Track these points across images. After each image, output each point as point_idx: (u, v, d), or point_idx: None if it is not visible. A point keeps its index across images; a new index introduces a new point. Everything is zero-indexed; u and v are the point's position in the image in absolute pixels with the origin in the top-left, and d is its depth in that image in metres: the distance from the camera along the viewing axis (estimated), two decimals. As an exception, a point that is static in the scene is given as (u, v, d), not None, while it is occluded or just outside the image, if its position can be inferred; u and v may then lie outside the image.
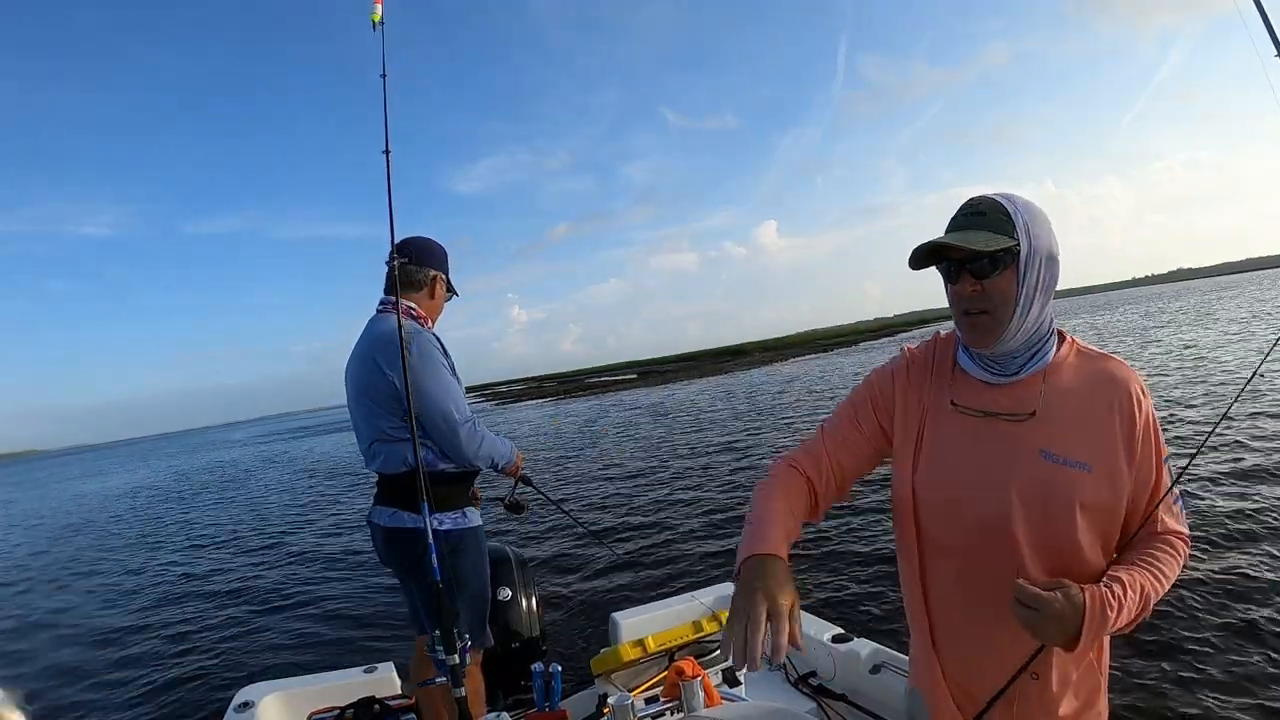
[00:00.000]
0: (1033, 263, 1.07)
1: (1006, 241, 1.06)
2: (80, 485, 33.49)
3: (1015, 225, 1.07)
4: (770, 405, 18.71)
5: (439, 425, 2.18)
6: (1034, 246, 1.07)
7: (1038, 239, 1.08)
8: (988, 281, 1.08)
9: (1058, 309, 1.17)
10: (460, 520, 2.25)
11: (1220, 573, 4.34)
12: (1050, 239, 1.09)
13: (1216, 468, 6.60)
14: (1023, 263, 1.07)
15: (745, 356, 59.34)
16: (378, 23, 2.29)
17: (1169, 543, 1.12)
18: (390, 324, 2.17)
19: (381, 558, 2.35)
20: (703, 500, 8.65)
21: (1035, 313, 1.10)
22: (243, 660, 5.59)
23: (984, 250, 1.05)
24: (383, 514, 2.27)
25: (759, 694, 2.29)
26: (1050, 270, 1.10)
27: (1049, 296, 1.11)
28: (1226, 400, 9.72)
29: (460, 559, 2.22)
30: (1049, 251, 1.09)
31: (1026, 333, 1.11)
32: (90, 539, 13.88)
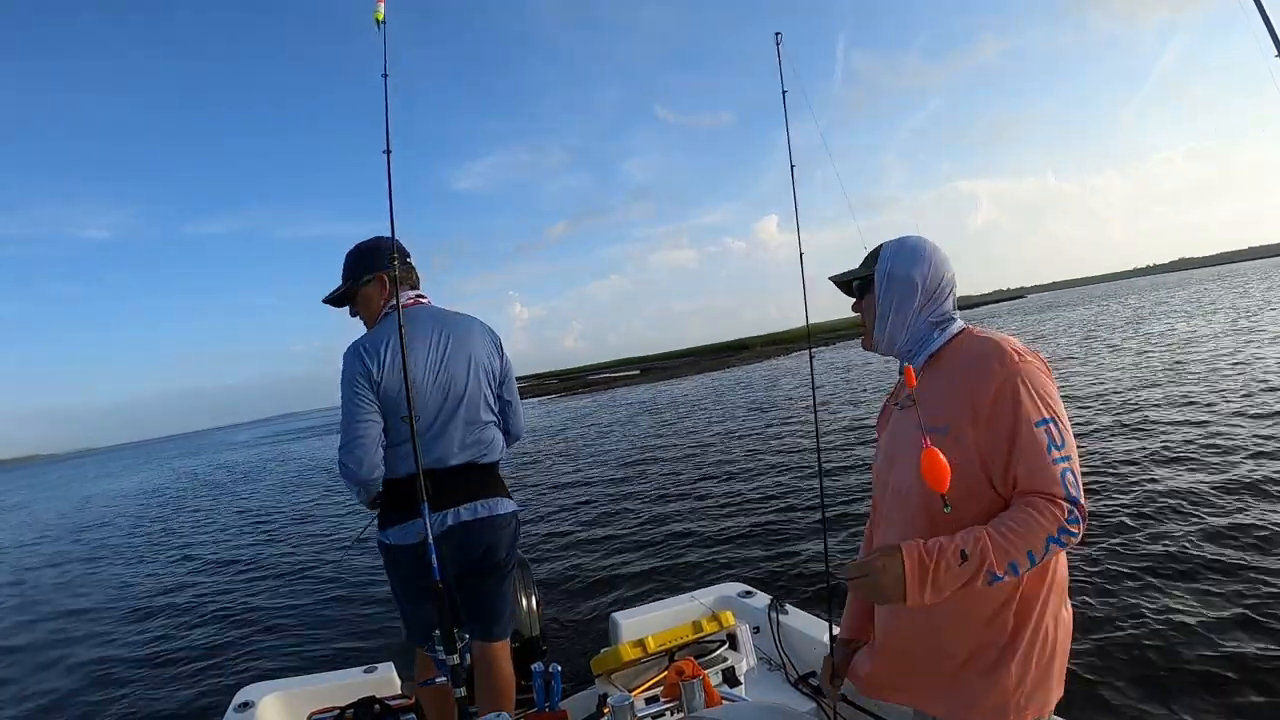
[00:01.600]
0: (884, 285, 1.40)
1: (863, 272, 1.45)
2: (90, 487, 33.60)
3: (879, 260, 1.42)
4: (772, 401, 18.71)
5: (519, 413, 2.41)
6: (888, 273, 1.40)
7: (894, 267, 1.39)
8: (862, 301, 1.47)
9: (1060, 299, 1.22)
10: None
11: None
12: (910, 269, 1.38)
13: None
14: (876, 286, 1.42)
15: (747, 351, 59.30)
16: (380, 21, 2.29)
17: (1028, 502, 1.18)
18: (466, 317, 2.31)
19: (443, 562, 2.06)
20: (704, 500, 8.65)
21: (898, 321, 1.39)
22: (243, 660, 5.60)
23: (837, 278, 1.50)
24: (475, 508, 2.16)
25: (759, 694, 2.29)
26: (900, 290, 1.38)
27: (908, 309, 1.38)
28: (1195, 389, 9.71)
29: (517, 543, 2.32)
30: (905, 277, 1.38)
31: (896, 337, 1.41)
32: (91, 539, 13.91)
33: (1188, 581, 4.30)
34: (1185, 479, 6.31)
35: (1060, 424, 1.22)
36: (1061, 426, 1.22)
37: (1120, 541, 5.03)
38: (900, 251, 1.41)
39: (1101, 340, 21.32)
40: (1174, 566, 4.54)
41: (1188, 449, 7.31)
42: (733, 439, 13.36)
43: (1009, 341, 1.29)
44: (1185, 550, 4.74)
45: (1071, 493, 1.18)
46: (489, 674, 2.21)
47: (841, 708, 2.30)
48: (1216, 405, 9.26)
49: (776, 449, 11.43)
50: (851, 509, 7.00)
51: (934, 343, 1.38)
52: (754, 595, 2.94)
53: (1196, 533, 5.01)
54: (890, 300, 1.40)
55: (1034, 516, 1.17)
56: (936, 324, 1.39)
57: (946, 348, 1.37)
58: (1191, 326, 21.39)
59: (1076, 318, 33.18)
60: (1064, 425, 1.23)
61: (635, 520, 8.17)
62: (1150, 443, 7.78)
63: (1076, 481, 1.19)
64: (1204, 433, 7.88)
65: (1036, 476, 1.19)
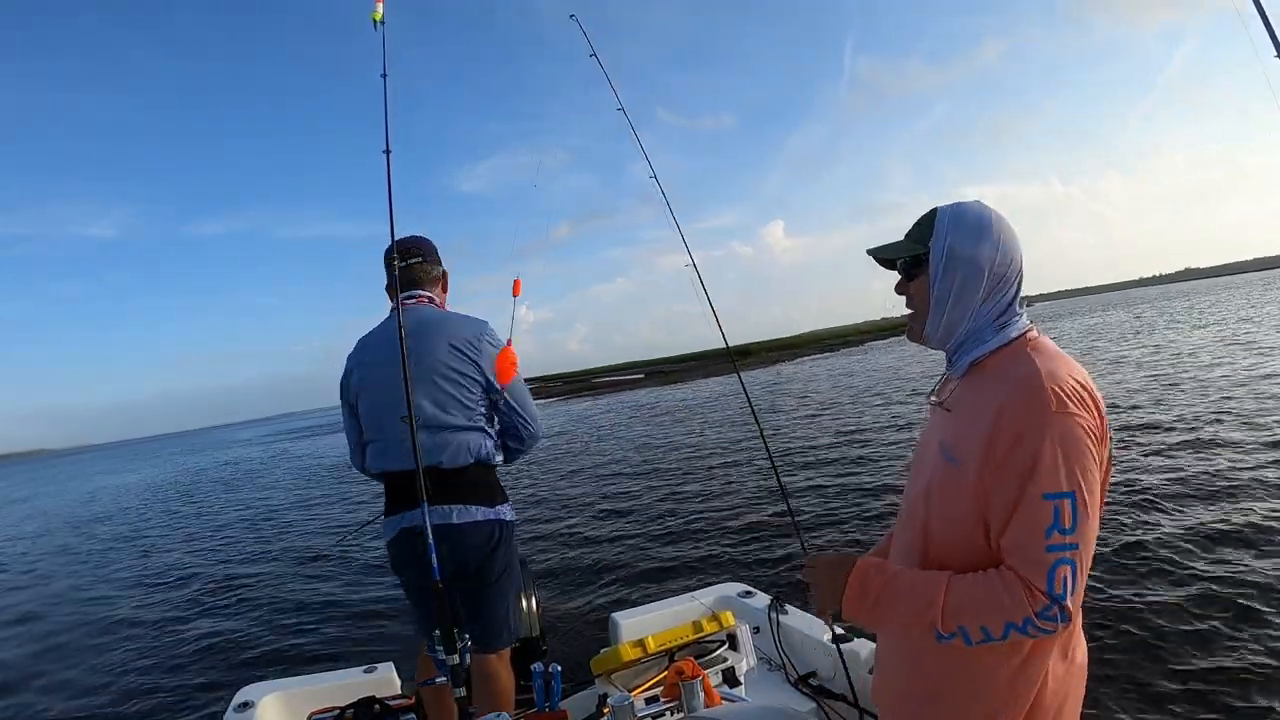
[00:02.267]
0: (945, 267, 1.13)
1: (915, 249, 1.16)
2: (91, 483, 33.57)
3: (935, 233, 1.14)
4: (774, 405, 18.69)
5: (527, 421, 2.30)
6: (948, 252, 1.13)
7: (955, 246, 1.12)
8: (912, 284, 1.19)
9: (1060, 309, 1.17)
10: (511, 511, 2.30)
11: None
12: (976, 248, 1.12)
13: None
14: (932, 267, 1.14)
15: (752, 356, 59.32)
16: (379, 22, 2.29)
17: (1004, 575, 1.02)
18: (455, 316, 2.26)
19: (411, 563, 2.14)
20: (704, 500, 8.65)
21: (958, 312, 1.14)
22: (243, 660, 5.59)
23: (879, 252, 1.21)
24: (447, 512, 2.12)
25: (759, 694, 2.29)
26: (965, 272, 1.12)
27: (972, 298, 1.13)
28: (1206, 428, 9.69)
29: (512, 549, 2.28)
30: (969, 257, 1.12)
31: (952, 330, 1.15)
32: (92, 536, 13.90)
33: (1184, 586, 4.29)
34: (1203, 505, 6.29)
35: (1080, 502, 0.98)
36: (1081, 505, 0.98)
37: (1121, 540, 5.03)
38: (961, 223, 1.13)
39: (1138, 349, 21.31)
40: (1174, 570, 4.54)
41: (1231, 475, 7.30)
42: (734, 441, 13.36)
43: (1060, 375, 1.03)
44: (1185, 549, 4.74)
45: (1056, 590, 0.98)
46: (483, 683, 2.19)
47: (841, 708, 2.30)
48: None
49: (777, 450, 11.42)
50: (850, 510, 7.00)
51: (986, 345, 1.13)
52: (754, 595, 2.94)
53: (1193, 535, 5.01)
54: (950, 284, 1.12)
55: (1001, 594, 1.00)
56: (997, 319, 1.13)
57: (994, 356, 1.12)
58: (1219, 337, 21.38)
59: (1089, 326, 33.17)
60: (1086, 504, 0.99)
61: (636, 520, 8.17)
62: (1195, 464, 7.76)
63: (1072, 578, 0.98)
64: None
65: (1022, 557, 1.00)
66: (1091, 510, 1.00)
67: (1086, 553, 1.01)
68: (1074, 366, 1.07)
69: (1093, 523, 1.01)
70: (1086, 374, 1.07)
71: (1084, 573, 1.01)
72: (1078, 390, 1.03)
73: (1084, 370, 1.08)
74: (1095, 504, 1.01)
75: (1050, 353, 1.09)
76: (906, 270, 1.20)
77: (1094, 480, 1.01)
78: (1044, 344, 1.12)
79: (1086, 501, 0.99)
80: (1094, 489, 1.01)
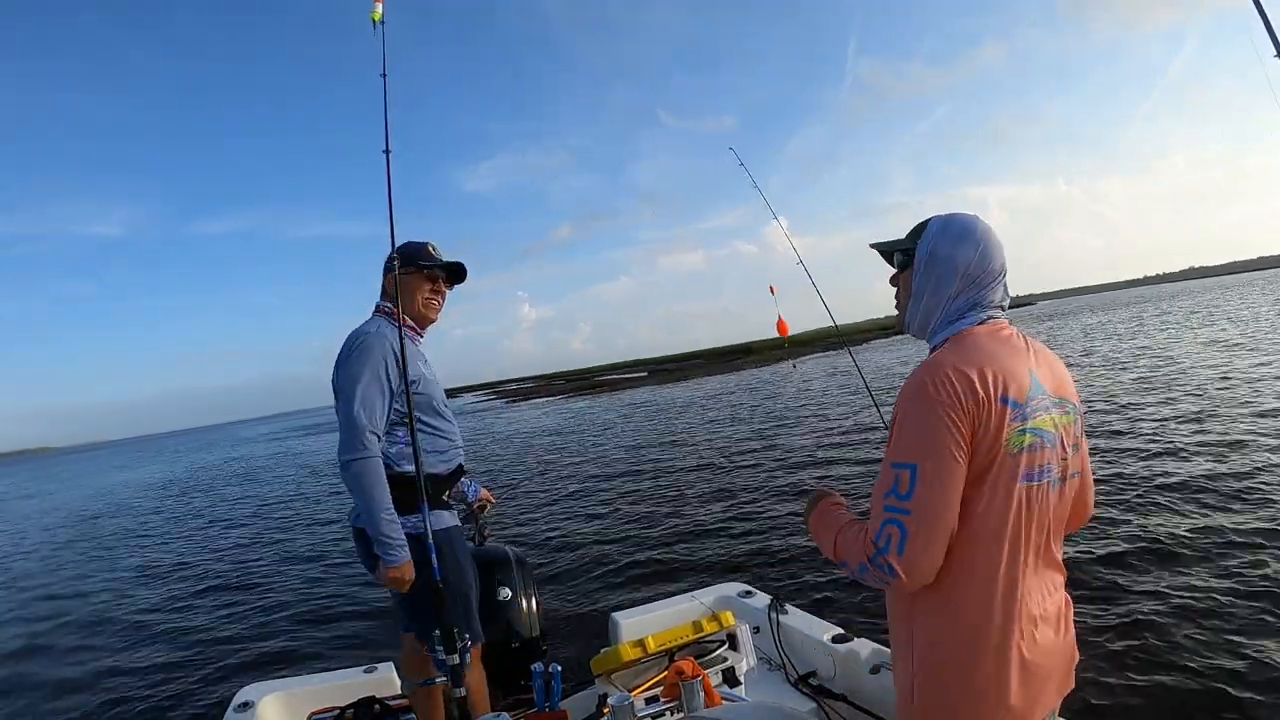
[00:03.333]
0: (926, 264, 1.27)
1: (905, 243, 1.33)
2: (93, 481, 33.63)
3: (924, 236, 1.29)
4: (773, 404, 18.71)
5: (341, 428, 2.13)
6: (930, 252, 1.27)
7: (936, 246, 1.27)
8: (901, 275, 1.35)
9: (1065, 307, 1.18)
10: (419, 524, 2.13)
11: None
12: (954, 250, 1.25)
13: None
14: (916, 263, 1.29)
15: (755, 355, 59.23)
16: (378, 22, 2.30)
17: (863, 525, 1.20)
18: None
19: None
20: (704, 499, 8.65)
21: (932, 303, 1.27)
22: (243, 660, 5.59)
23: (880, 246, 1.38)
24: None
25: (759, 694, 2.29)
26: (941, 271, 1.25)
27: (945, 293, 1.25)
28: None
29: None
30: (947, 258, 1.25)
31: (928, 321, 1.29)
32: (92, 534, 13.90)
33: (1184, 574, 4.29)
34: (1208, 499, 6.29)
35: (923, 473, 1.10)
36: (923, 477, 1.10)
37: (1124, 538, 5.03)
38: (947, 230, 1.27)
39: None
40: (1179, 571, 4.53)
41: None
42: (735, 440, 13.36)
43: (943, 365, 1.16)
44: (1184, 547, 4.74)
45: (880, 544, 1.12)
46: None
47: (842, 708, 2.30)
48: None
49: (777, 450, 11.43)
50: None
51: (940, 335, 1.27)
52: (754, 595, 2.94)
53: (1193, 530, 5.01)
54: (927, 281, 1.27)
55: (858, 540, 1.17)
56: (968, 310, 1.25)
57: (936, 349, 1.26)
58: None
59: (1092, 323, 33.14)
60: (929, 477, 1.10)
61: (636, 520, 8.17)
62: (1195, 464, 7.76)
63: (900, 539, 1.10)
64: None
65: (871, 512, 1.17)
66: (936, 484, 1.10)
67: (925, 521, 1.10)
68: (972, 359, 1.16)
69: (939, 496, 1.11)
70: (992, 367, 1.15)
71: (922, 540, 1.10)
72: (953, 380, 1.13)
73: (994, 364, 1.15)
74: (943, 480, 1.11)
75: (965, 346, 1.20)
76: (899, 264, 1.36)
77: (944, 459, 1.11)
78: (971, 338, 1.22)
79: (930, 475, 1.10)
80: (942, 467, 1.11)
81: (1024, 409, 1.15)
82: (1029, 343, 1.26)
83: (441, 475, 2.27)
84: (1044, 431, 1.17)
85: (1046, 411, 1.18)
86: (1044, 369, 1.23)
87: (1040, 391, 1.18)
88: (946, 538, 1.12)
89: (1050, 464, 1.18)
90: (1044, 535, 1.20)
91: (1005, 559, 1.15)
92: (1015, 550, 1.16)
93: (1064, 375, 1.27)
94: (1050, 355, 1.28)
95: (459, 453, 2.37)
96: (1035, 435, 1.16)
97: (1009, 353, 1.19)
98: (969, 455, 1.12)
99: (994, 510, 1.14)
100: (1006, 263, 1.27)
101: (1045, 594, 1.21)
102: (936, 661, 1.18)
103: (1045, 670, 1.18)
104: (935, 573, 1.13)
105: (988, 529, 1.14)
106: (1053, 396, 1.21)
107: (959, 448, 1.11)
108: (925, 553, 1.11)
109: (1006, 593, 1.15)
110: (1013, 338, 1.24)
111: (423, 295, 2.32)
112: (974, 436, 1.12)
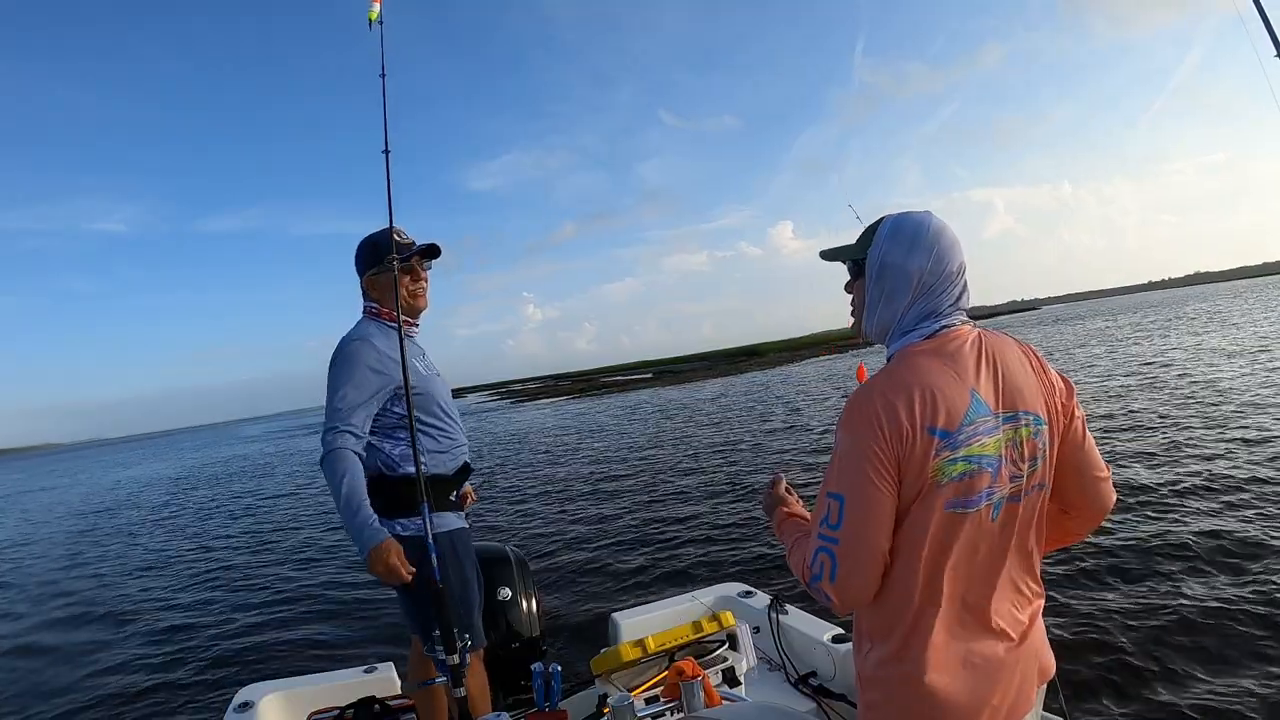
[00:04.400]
0: (877, 274, 1.23)
1: (853, 252, 1.28)
2: (99, 478, 33.65)
3: (874, 242, 1.24)
4: (778, 406, 18.72)
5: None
6: (880, 260, 1.22)
7: (887, 255, 1.21)
8: (855, 283, 1.31)
9: (1073, 311, 1.17)
10: (421, 526, 2.12)
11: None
12: (906, 258, 1.20)
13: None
14: (867, 272, 1.25)
15: (760, 357, 59.17)
16: (375, 21, 2.30)
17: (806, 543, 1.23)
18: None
19: None
20: (705, 500, 8.65)
21: (887, 314, 1.23)
22: (243, 660, 5.59)
23: (828, 254, 1.35)
24: None
25: (759, 694, 2.29)
26: (892, 281, 1.21)
27: (900, 303, 1.21)
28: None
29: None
30: (899, 266, 1.20)
31: (885, 330, 1.25)
32: (91, 535, 13.90)
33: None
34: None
35: (850, 504, 1.12)
36: (850, 507, 1.12)
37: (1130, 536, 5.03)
38: (898, 235, 1.21)
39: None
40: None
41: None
42: (739, 441, 13.37)
43: (870, 393, 1.14)
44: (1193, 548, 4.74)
45: (814, 570, 1.15)
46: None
47: (841, 708, 2.30)
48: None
49: (779, 450, 11.44)
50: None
51: (902, 341, 1.22)
52: (754, 595, 2.94)
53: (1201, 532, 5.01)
54: (880, 290, 1.23)
55: (801, 560, 1.21)
56: (921, 320, 1.20)
57: (892, 359, 1.22)
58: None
59: (1094, 329, 33.15)
60: (854, 507, 1.12)
61: (636, 520, 8.17)
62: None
63: (831, 566, 1.13)
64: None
65: (810, 535, 1.20)
66: (861, 515, 1.12)
67: (851, 552, 1.12)
68: (901, 387, 1.12)
69: (865, 527, 1.12)
70: (922, 394, 1.11)
71: (849, 569, 1.12)
72: (878, 411, 1.11)
73: (925, 390, 1.12)
74: (868, 510, 1.11)
75: (901, 369, 1.16)
76: (851, 272, 1.32)
77: (868, 490, 1.11)
78: (910, 360, 1.17)
79: (856, 506, 1.12)
80: (867, 498, 1.11)
81: (954, 437, 1.11)
82: (985, 350, 1.19)
83: (445, 476, 2.26)
84: (981, 457, 1.13)
85: (989, 434, 1.14)
86: (994, 382, 1.17)
87: (982, 412, 1.14)
88: (876, 566, 1.13)
89: (993, 488, 1.14)
90: (994, 556, 1.18)
91: (937, 586, 1.14)
92: (950, 577, 1.14)
93: (1027, 382, 1.20)
94: (1014, 360, 1.22)
95: (463, 453, 2.34)
96: (969, 463, 1.12)
97: (948, 373, 1.14)
98: (898, 485, 1.12)
99: (922, 539, 1.12)
100: (964, 261, 1.22)
101: (998, 614, 1.18)
102: (875, 679, 1.20)
103: (982, 689, 1.15)
104: (869, 598, 1.15)
105: (918, 558, 1.13)
106: (1002, 413, 1.16)
107: (884, 479, 1.11)
108: (855, 581, 1.13)
109: (939, 619, 1.15)
110: (962, 350, 1.18)
111: (405, 289, 2.27)
112: (899, 466, 1.11)
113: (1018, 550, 1.20)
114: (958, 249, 1.21)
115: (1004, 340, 1.24)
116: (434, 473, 2.20)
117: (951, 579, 1.14)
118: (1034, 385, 1.21)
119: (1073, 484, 1.28)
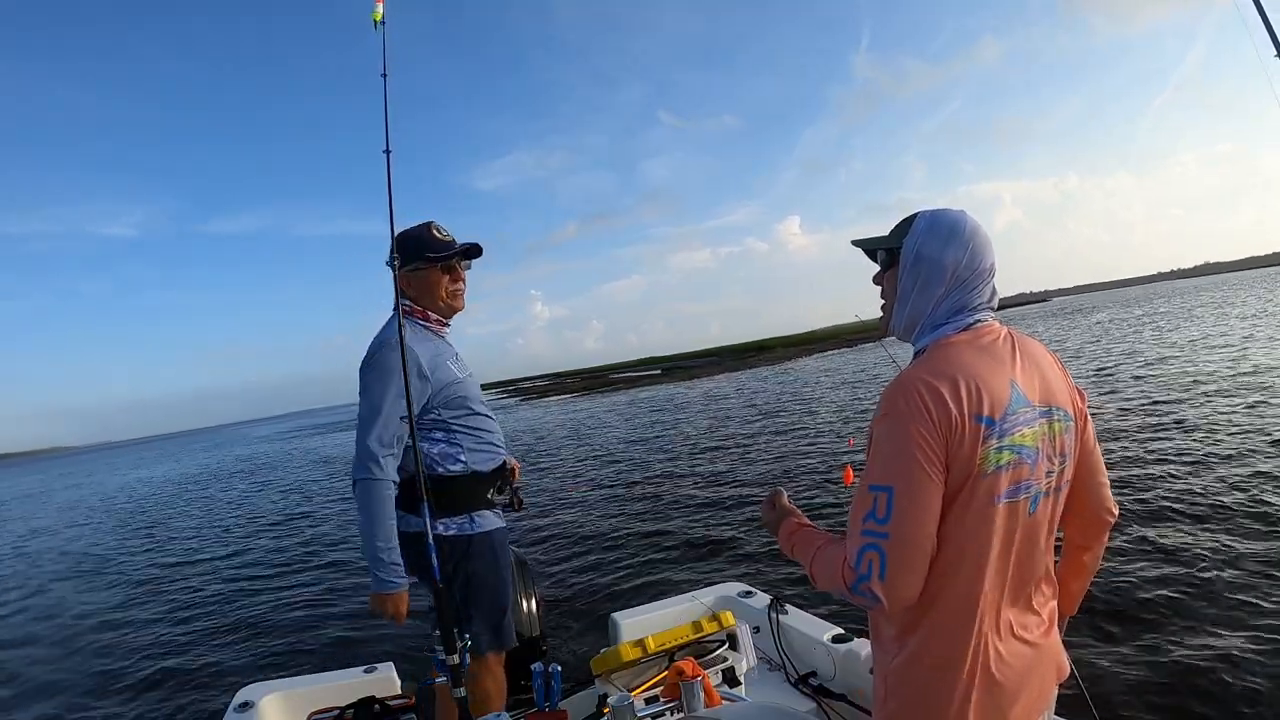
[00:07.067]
0: (912, 264, 1.22)
1: (887, 242, 1.26)
2: (107, 480, 33.71)
3: (910, 233, 1.23)
4: (782, 403, 18.69)
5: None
6: (916, 251, 1.21)
7: (923, 246, 1.21)
8: (885, 274, 1.29)
9: (1083, 302, 1.16)
10: (466, 525, 2.18)
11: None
12: (942, 250, 1.19)
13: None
14: (901, 262, 1.23)
15: (769, 352, 58.99)
16: (379, 22, 2.30)
17: (842, 548, 1.15)
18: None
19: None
20: (705, 499, 8.65)
21: (919, 306, 1.22)
22: (243, 660, 5.60)
23: (862, 243, 1.31)
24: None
25: (759, 694, 2.29)
26: (927, 272, 1.20)
27: (933, 294, 1.20)
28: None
29: (469, 564, 2.17)
30: (934, 258, 1.20)
31: (914, 323, 1.24)
32: (90, 535, 13.91)
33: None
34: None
35: (899, 495, 1.07)
36: (899, 499, 1.07)
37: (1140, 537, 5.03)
38: (936, 227, 1.21)
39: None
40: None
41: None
42: (744, 439, 13.35)
43: (914, 379, 1.12)
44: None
45: (861, 570, 1.08)
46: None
47: (842, 708, 2.30)
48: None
49: (780, 450, 11.42)
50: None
51: (923, 341, 1.22)
52: (754, 595, 2.94)
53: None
54: (914, 280, 1.21)
55: (837, 564, 1.13)
56: (954, 314, 1.20)
57: (926, 350, 1.21)
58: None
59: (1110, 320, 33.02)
60: (904, 498, 1.07)
61: (636, 520, 8.17)
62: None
63: (880, 564, 1.07)
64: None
65: (849, 535, 1.13)
66: (913, 506, 1.07)
67: (905, 545, 1.07)
68: (945, 373, 1.11)
69: (918, 518, 1.07)
70: (967, 381, 1.10)
71: (903, 564, 1.07)
72: (924, 396, 1.09)
73: (969, 377, 1.11)
74: (920, 501, 1.08)
75: (940, 358, 1.15)
76: (883, 263, 1.29)
77: (920, 479, 1.08)
78: (948, 349, 1.17)
79: (907, 497, 1.07)
80: (918, 488, 1.08)
81: (999, 425, 1.10)
82: (1017, 346, 1.20)
83: (484, 474, 2.25)
84: (1023, 447, 1.13)
85: (1029, 425, 1.14)
86: (1030, 376, 1.17)
87: (1022, 403, 1.13)
88: (927, 560, 1.09)
89: (1030, 480, 1.14)
90: (1028, 551, 1.17)
91: (979, 580, 1.12)
92: (991, 571, 1.13)
93: (1056, 380, 1.21)
94: (1043, 358, 1.23)
95: (501, 450, 2.33)
96: (1013, 452, 1.12)
97: (988, 363, 1.14)
98: (945, 473, 1.09)
99: (968, 531, 1.11)
100: (995, 261, 1.22)
101: (1028, 610, 1.19)
102: (904, 680, 1.18)
103: (1014, 687, 1.15)
104: (916, 595, 1.10)
105: (962, 551, 1.11)
106: (1038, 406, 1.16)
107: (934, 466, 1.08)
108: (907, 577, 1.08)
109: (979, 615, 1.13)
110: (996, 344, 1.18)
111: (445, 288, 2.24)
112: (948, 454, 1.09)
113: (1046, 546, 1.21)
114: (990, 248, 1.22)
115: (1031, 339, 1.25)
116: (474, 469, 2.21)
117: (993, 573, 1.13)
118: (1062, 383, 1.23)
119: (1083, 485, 1.29)
